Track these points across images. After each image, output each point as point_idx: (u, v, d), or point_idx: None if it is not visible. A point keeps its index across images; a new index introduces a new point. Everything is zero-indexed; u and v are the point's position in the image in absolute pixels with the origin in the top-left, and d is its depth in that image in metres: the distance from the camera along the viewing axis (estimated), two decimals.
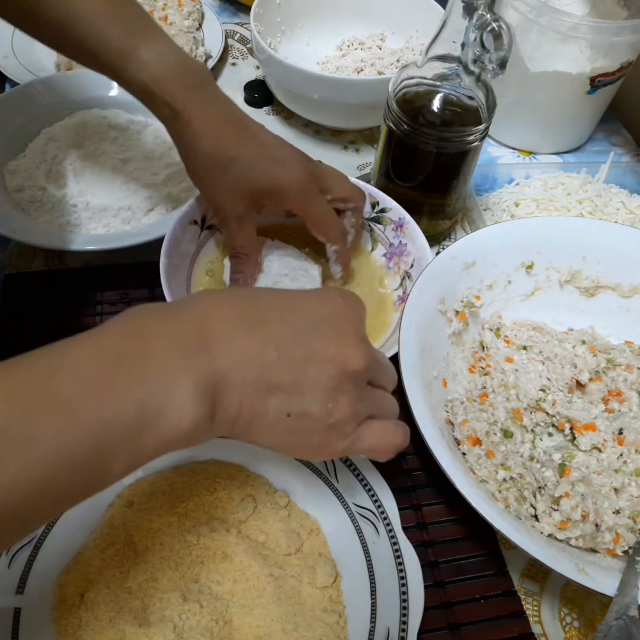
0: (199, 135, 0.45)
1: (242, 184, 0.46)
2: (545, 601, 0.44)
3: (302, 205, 0.49)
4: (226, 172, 0.46)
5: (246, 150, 0.46)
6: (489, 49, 0.47)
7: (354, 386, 0.33)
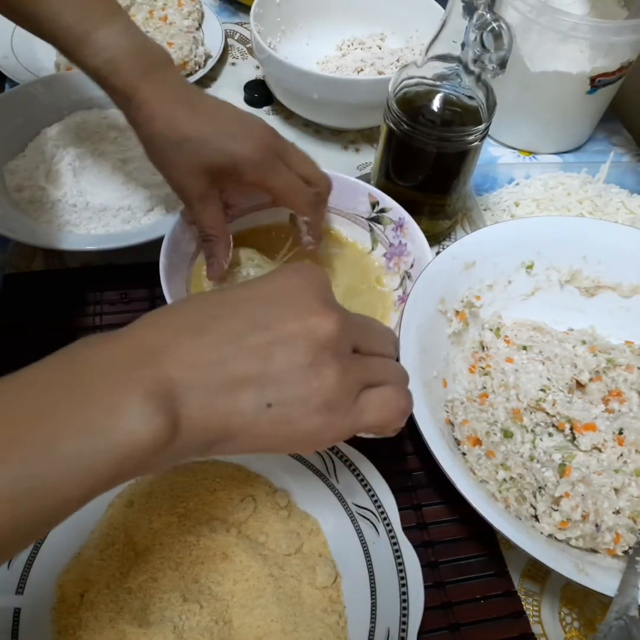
0: (151, 118, 0.45)
1: (197, 161, 0.45)
2: (545, 601, 0.44)
3: (262, 179, 0.47)
4: (181, 151, 0.45)
5: (198, 128, 0.45)
6: (489, 48, 0.47)
7: (334, 356, 0.29)
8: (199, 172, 0.46)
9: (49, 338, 0.52)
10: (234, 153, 0.45)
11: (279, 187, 0.48)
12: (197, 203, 0.47)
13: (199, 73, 0.75)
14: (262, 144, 0.46)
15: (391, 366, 0.34)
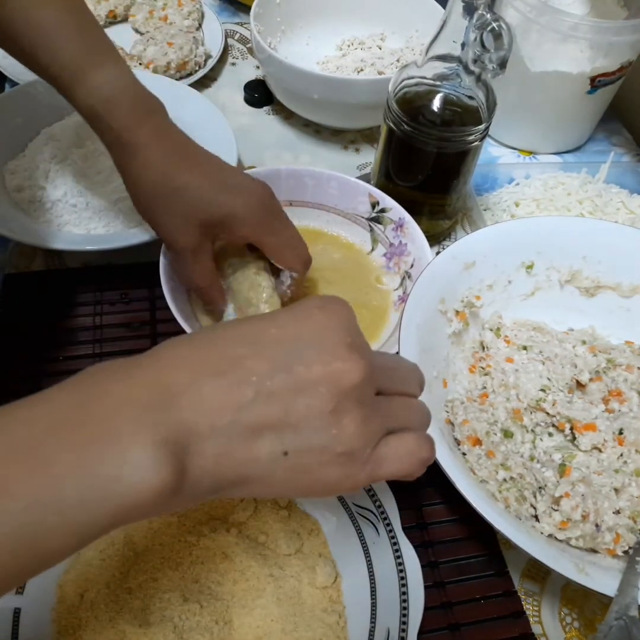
0: (146, 161, 0.44)
1: (192, 213, 0.44)
2: (545, 601, 0.44)
3: (258, 236, 0.47)
4: (176, 201, 0.44)
5: (195, 179, 0.44)
6: (489, 48, 0.47)
7: (357, 403, 0.28)
8: (193, 224, 0.45)
9: (49, 338, 0.52)
10: (232, 207, 0.45)
11: (273, 245, 0.48)
12: (189, 256, 0.46)
13: (199, 73, 0.75)
14: (260, 202, 0.46)
15: (414, 407, 0.32)
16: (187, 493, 0.26)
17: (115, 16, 0.80)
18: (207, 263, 0.47)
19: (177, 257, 0.47)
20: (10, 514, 0.22)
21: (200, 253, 0.46)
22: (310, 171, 0.58)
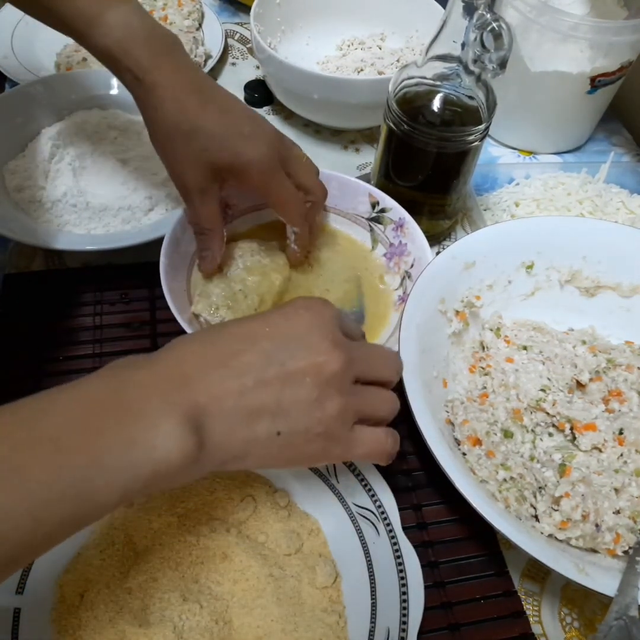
0: (162, 100, 0.44)
1: (205, 155, 0.45)
2: (545, 601, 0.44)
3: (264, 184, 0.47)
4: (189, 142, 0.45)
5: (211, 121, 0.45)
6: (489, 48, 0.47)
7: (337, 391, 0.34)
8: (204, 166, 0.45)
9: (49, 338, 0.52)
10: (245, 155, 0.45)
11: (277, 197, 0.49)
12: (197, 196, 0.47)
13: None
14: (271, 150, 0.46)
15: (384, 398, 0.38)
16: (202, 464, 0.31)
17: None
18: (213, 206, 0.48)
19: (186, 197, 0.48)
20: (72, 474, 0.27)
21: (208, 195, 0.47)
22: None
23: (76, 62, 0.71)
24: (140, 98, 0.46)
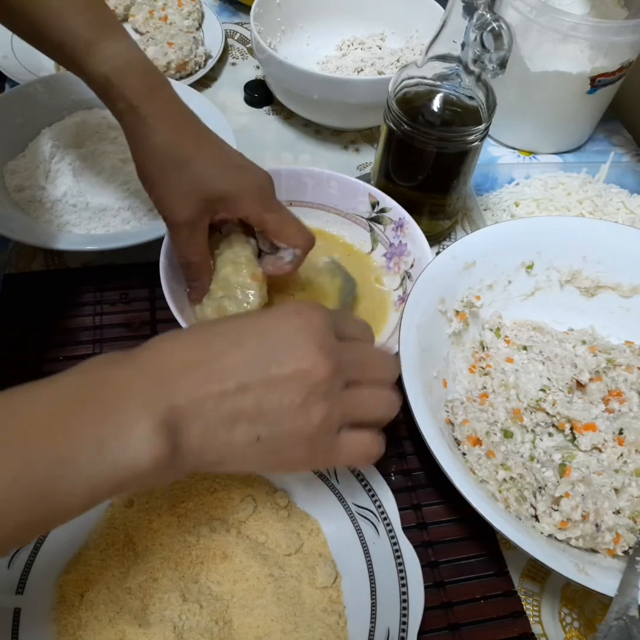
0: (156, 131, 0.44)
1: (195, 187, 0.44)
2: (545, 601, 0.44)
3: (259, 213, 0.47)
4: (182, 172, 0.44)
5: (205, 153, 0.45)
6: (489, 48, 0.47)
7: (322, 397, 0.33)
8: (196, 198, 0.45)
9: (49, 338, 0.52)
10: (239, 184, 0.45)
11: (275, 222, 0.48)
12: (186, 230, 0.46)
13: (199, 73, 0.75)
14: (262, 184, 0.47)
15: (381, 397, 0.37)
16: (177, 467, 0.30)
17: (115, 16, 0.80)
18: (202, 239, 0.47)
19: (174, 230, 0.47)
20: (37, 471, 0.26)
21: (198, 229, 0.46)
22: (310, 171, 0.58)
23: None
24: (131, 127, 0.45)
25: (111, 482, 0.28)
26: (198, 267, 0.48)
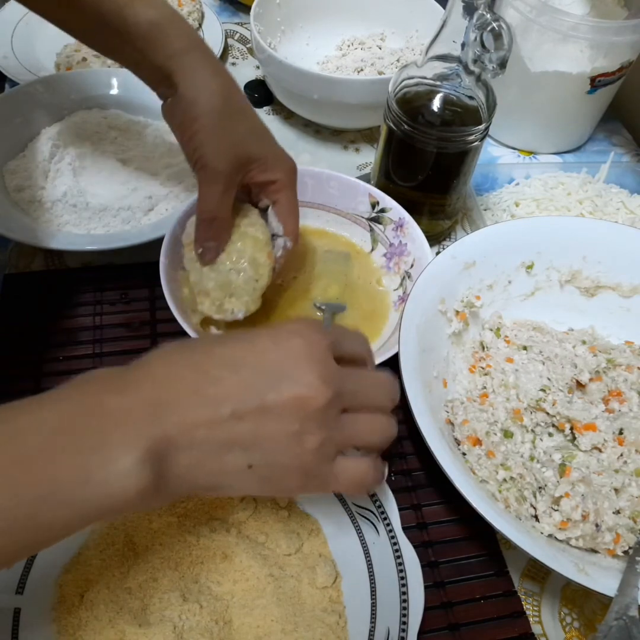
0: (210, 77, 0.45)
1: (243, 142, 0.46)
2: (545, 601, 0.44)
3: (286, 189, 0.49)
4: (231, 126, 0.45)
5: (251, 118, 0.47)
6: (489, 48, 0.47)
7: (318, 426, 0.32)
8: (240, 151, 0.46)
9: (49, 338, 0.52)
10: (280, 154, 0.48)
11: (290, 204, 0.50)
12: (222, 179, 0.46)
13: None
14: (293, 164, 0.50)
15: (378, 423, 0.36)
16: (165, 494, 0.30)
17: None
18: (232, 194, 0.47)
19: (210, 180, 0.46)
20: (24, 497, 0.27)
21: (233, 183, 0.46)
22: (310, 171, 0.58)
23: (76, 62, 0.71)
24: (181, 71, 0.45)
25: (95, 511, 0.28)
26: (222, 223, 0.48)
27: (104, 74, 0.68)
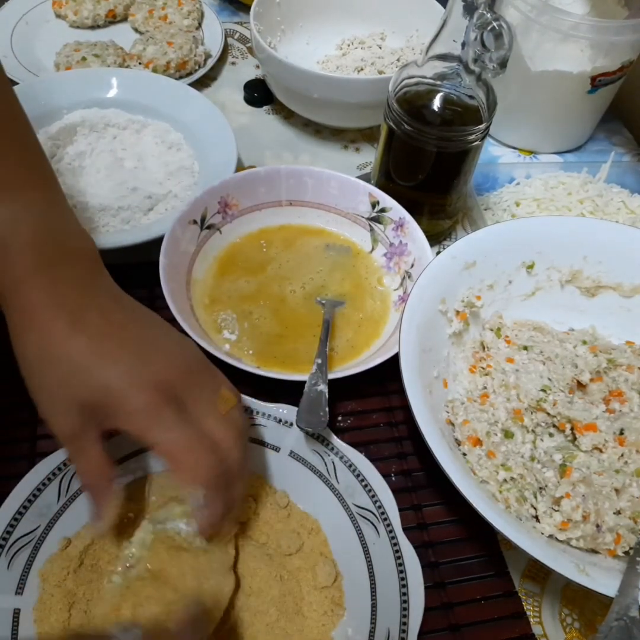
0: (26, 327, 0.35)
1: (67, 391, 0.35)
2: (545, 602, 0.44)
3: (140, 430, 0.35)
4: (52, 374, 0.35)
5: (78, 347, 0.35)
6: (490, 48, 0.47)
7: None
8: (71, 404, 0.35)
9: None
10: (108, 390, 0.34)
11: (163, 444, 0.35)
12: (69, 443, 0.36)
13: (199, 72, 0.75)
14: (155, 382, 0.35)
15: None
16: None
17: (115, 16, 0.80)
18: (92, 454, 0.36)
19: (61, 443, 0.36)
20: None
21: (83, 440, 0.35)
22: (310, 171, 0.58)
23: (75, 62, 0.71)
24: (8, 313, 0.36)
25: None
26: (90, 489, 0.37)
27: (104, 74, 0.68)
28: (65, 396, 0.35)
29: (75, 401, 0.35)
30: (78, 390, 0.34)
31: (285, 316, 0.53)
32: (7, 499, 0.40)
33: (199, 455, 0.35)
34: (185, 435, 0.35)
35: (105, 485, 0.36)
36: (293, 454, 0.44)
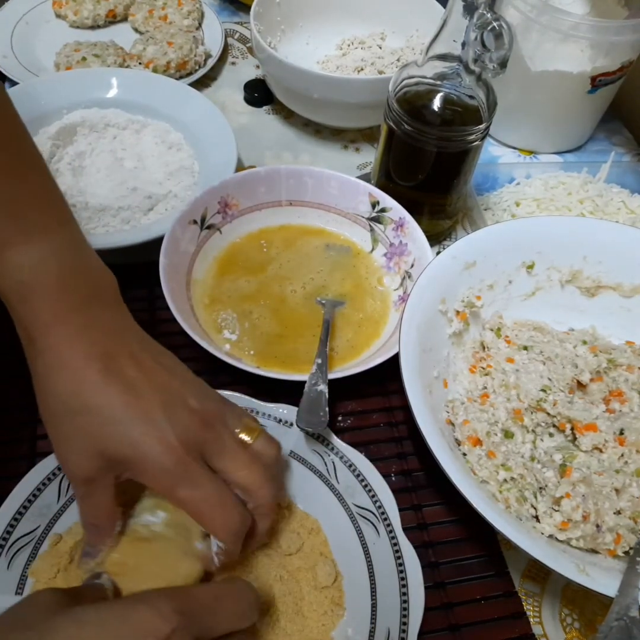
0: (52, 368, 0.35)
1: (93, 441, 0.34)
2: (545, 602, 0.44)
3: (167, 488, 0.35)
4: (77, 422, 0.35)
5: (110, 399, 0.35)
6: (490, 48, 0.47)
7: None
8: (92, 453, 0.35)
9: None
10: (136, 447, 0.34)
11: (190, 503, 0.35)
12: (80, 486, 0.36)
13: (199, 72, 0.75)
14: (181, 442, 0.35)
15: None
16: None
17: (115, 15, 0.80)
18: (102, 499, 0.36)
19: (72, 486, 0.38)
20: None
21: (94, 486, 0.35)
22: (310, 171, 0.58)
23: (75, 62, 0.71)
24: (31, 357, 0.36)
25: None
26: (94, 530, 0.37)
27: (104, 74, 0.68)
28: (90, 445, 0.35)
29: (98, 451, 0.34)
30: (106, 442, 0.34)
31: (285, 316, 0.53)
32: (7, 499, 0.40)
33: (227, 512, 0.35)
34: (213, 491, 0.35)
35: (111, 527, 0.37)
36: (293, 454, 0.44)
